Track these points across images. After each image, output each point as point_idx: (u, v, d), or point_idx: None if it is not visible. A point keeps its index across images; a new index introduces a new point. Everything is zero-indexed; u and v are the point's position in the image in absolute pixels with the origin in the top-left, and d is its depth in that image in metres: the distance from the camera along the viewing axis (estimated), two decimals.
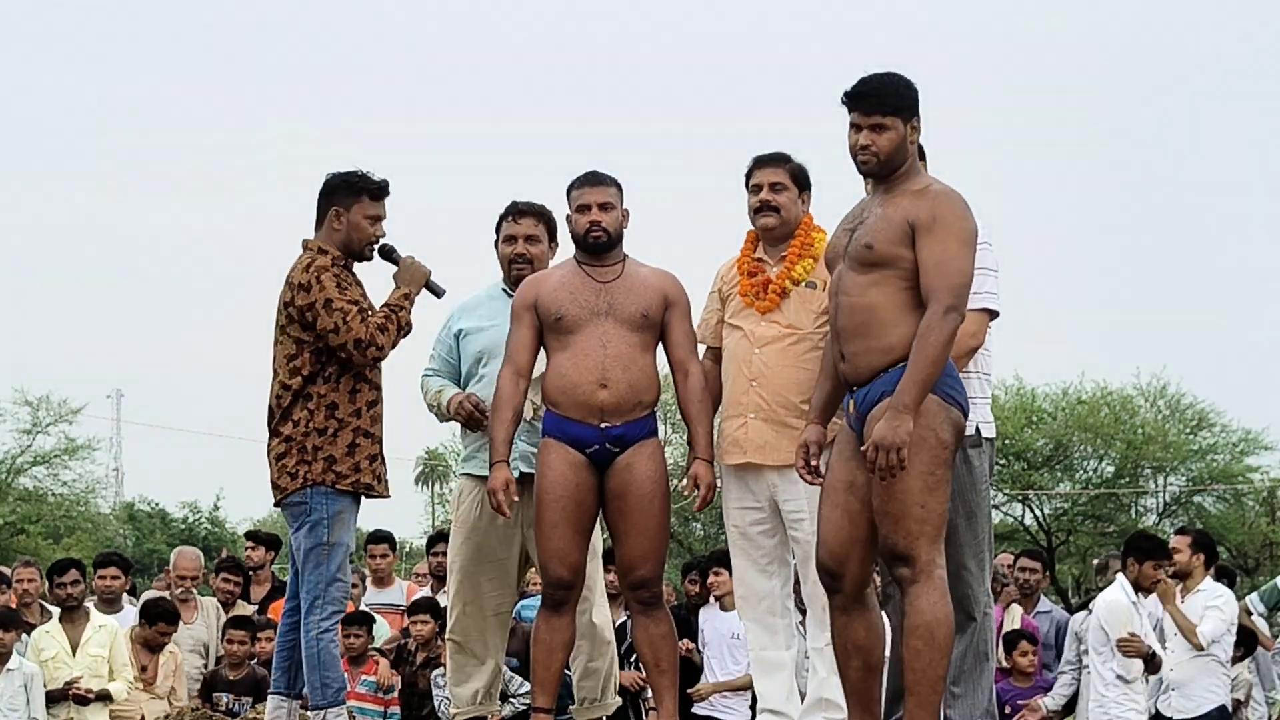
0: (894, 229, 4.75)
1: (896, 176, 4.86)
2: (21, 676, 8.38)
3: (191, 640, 9.25)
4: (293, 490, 5.70)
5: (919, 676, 4.67)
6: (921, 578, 4.66)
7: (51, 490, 36.52)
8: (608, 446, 5.52)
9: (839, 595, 4.91)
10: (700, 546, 31.23)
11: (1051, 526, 33.73)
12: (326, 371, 5.72)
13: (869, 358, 4.75)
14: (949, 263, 4.66)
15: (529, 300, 5.61)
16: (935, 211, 4.72)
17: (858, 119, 4.86)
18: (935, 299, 4.63)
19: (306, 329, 5.70)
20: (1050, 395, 34.71)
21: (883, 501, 4.68)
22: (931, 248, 4.68)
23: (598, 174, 5.67)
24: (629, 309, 5.52)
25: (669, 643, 5.66)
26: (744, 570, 5.74)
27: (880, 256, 4.75)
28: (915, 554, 4.66)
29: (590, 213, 5.59)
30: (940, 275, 4.65)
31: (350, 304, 5.68)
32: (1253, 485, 34.59)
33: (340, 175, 5.88)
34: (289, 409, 5.72)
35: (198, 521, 42.98)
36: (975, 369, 5.39)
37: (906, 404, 4.57)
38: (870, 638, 4.88)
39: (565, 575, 5.55)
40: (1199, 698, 8.77)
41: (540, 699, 5.61)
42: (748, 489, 5.62)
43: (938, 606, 4.66)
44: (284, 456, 5.72)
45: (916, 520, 4.65)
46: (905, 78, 4.91)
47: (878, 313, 4.74)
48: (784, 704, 5.67)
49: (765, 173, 5.63)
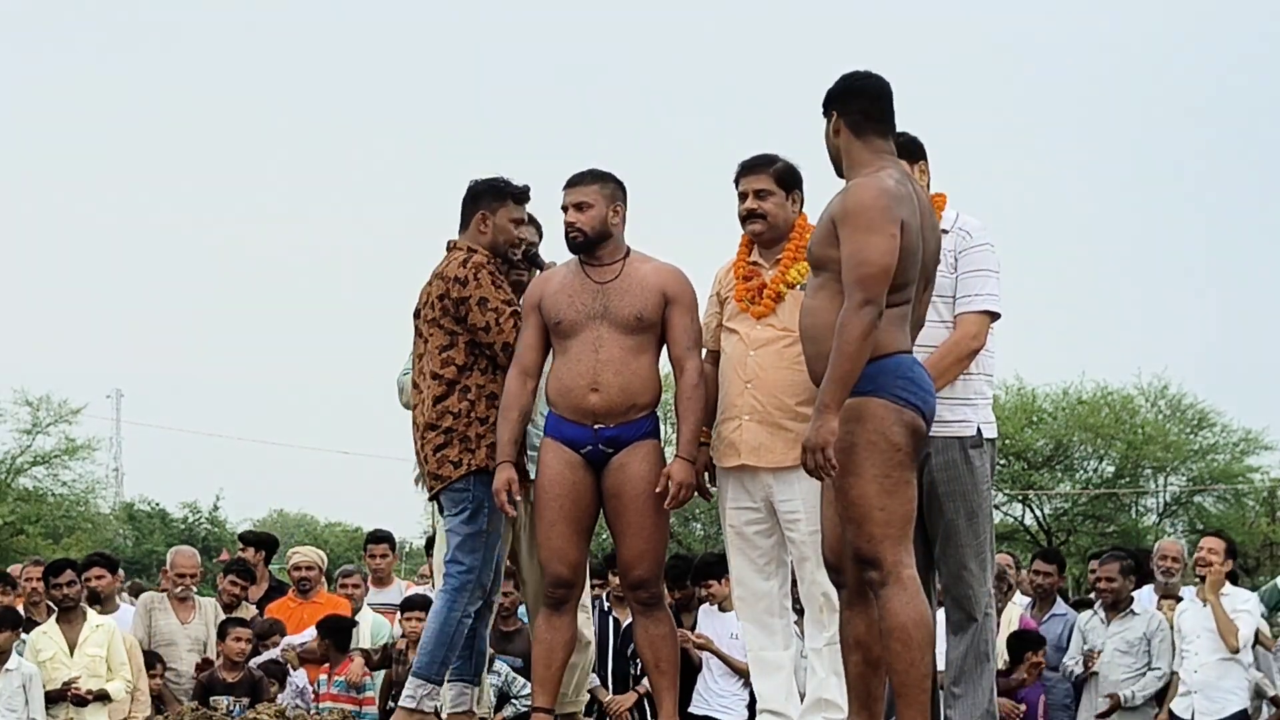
0: (822, 230, 4.80)
1: (850, 171, 4.88)
2: (20, 676, 8.38)
3: (190, 640, 9.23)
4: (456, 478, 5.78)
5: (902, 678, 4.68)
6: (890, 580, 4.66)
7: (51, 490, 36.56)
8: (601, 447, 5.54)
9: (844, 590, 4.94)
10: (700, 546, 31.22)
11: (1051, 526, 33.75)
12: (481, 363, 5.81)
13: (817, 363, 4.78)
14: (857, 254, 4.63)
15: (534, 300, 5.66)
16: (845, 205, 4.72)
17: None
18: (848, 293, 4.62)
19: (459, 322, 5.79)
20: (1051, 395, 34.75)
21: (843, 507, 4.71)
22: (844, 241, 4.68)
23: (576, 174, 5.69)
24: (623, 312, 5.52)
25: (669, 643, 5.67)
26: (742, 571, 5.73)
27: (817, 260, 4.82)
28: (880, 557, 4.66)
29: (567, 214, 5.62)
30: (851, 268, 4.63)
31: (505, 304, 5.78)
32: (1253, 485, 34.61)
33: (486, 181, 6.03)
34: (443, 399, 5.80)
35: (197, 522, 42.97)
36: (977, 370, 5.40)
37: (825, 403, 4.58)
38: (870, 634, 4.88)
39: (565, 574, 5.56)
40: (1221, 700, 8.69)
41: (540, 698, 5.62)
42: (744, 490, 5.62)
43: (910, 606, 4.66)
44: (445, 447, 5.79)
45: (878, 524, 4.65)
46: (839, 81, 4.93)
47: (820, 317, 4.78)
48: (783, 704, 5.67)
49: (749, 180, 5.62)
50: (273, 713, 6.87)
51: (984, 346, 5.37)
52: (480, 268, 5.80)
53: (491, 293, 5.76)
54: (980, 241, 5.40)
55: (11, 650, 8.47)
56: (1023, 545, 32.27)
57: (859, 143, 4.88)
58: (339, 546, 38.52)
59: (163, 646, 9.17)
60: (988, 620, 5.43)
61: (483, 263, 5.83)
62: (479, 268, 5.80)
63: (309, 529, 48.54)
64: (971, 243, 5.39)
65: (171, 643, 9.19)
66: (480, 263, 5.82)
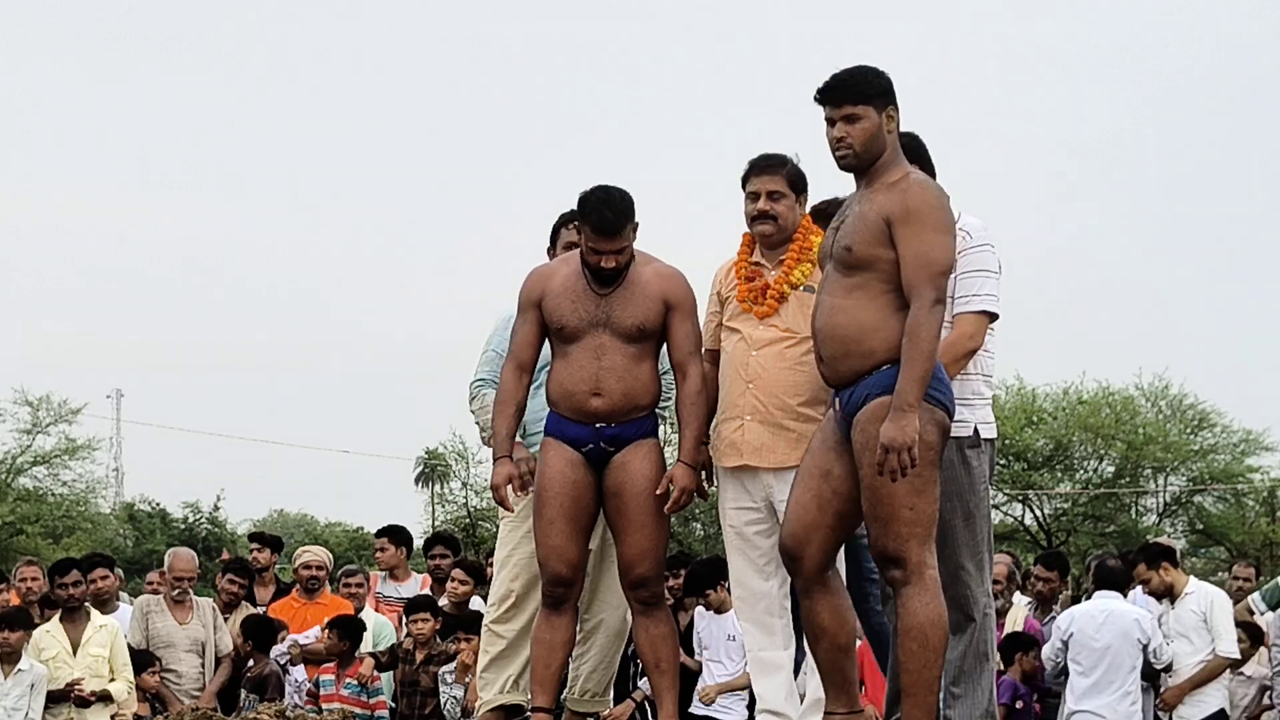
0: (870, 228, 4.75)
1: (877, 169, 4.84)
2: (31, 677, 8.39)
3: (188, 640, 9.24)
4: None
5: (914, 678, 4.69)
6: (913, 579, 4.68)
7: (51, 490, 36.58)
8: (603, 446, 5.54)
9: (798, 578, 4.95)
10: (700, 546, 31.23)
11: (1051, 527, 33.77)
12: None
13: (849, 362, 4.77)
14: (928, 254, 4.66)
15: (535, 297, 5.63)
16: (908, 203, 4.71)
17: (830, 112, 4.86)
18: (919, 293, 4.64)
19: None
20: (1051, 395, 34.78)
21: (871, 505, 4.69)
22: (909, 240, 4.67)
23: (612, 224, 5.47)
24: (626, 321, 5.52)
25: (669, 643, 5.67)
26: (741, 571, 5.73)
27: (860, 259, 4.76)
28: (906, 556, 4.67)
29: (596, 257, 5.49)
30: (921, 268, 4.65)
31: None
32: (1253, 485, 34.63)
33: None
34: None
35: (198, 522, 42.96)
36: (976, 370, 5.39)
37: (910, 402, 4.59)
38: (834, 620, 4.90)
39: (564, 572, 5.56)
40: (1202, 701, 8.76)
41: (540, 698, 5.62)
42: (744, 490, 5.62)
43: (930, 608, 4.67)
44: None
45: (906, 523, 4.66)
46: (875, 67, 4.89)
47: (859, 316, 4.76)
48: (783, 704, 5.66)
49: (763, 180, 5.58)
50: (273, 713, 6.88)
51: (981, 347, 5.36)
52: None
53: None
54: (980, 242, 5.38)
55: (22, 651, 8.49)
56: (1022, 545, 32.30)
57: (896, 141, 4.88)
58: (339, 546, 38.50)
59: (161, 648, 9.18)
60: (986, 620, 5.43)
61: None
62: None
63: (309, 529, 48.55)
64: (971, 243, 5.38)
65: (170, 644, 9.20)
66: None
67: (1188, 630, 8.79)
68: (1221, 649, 8.79)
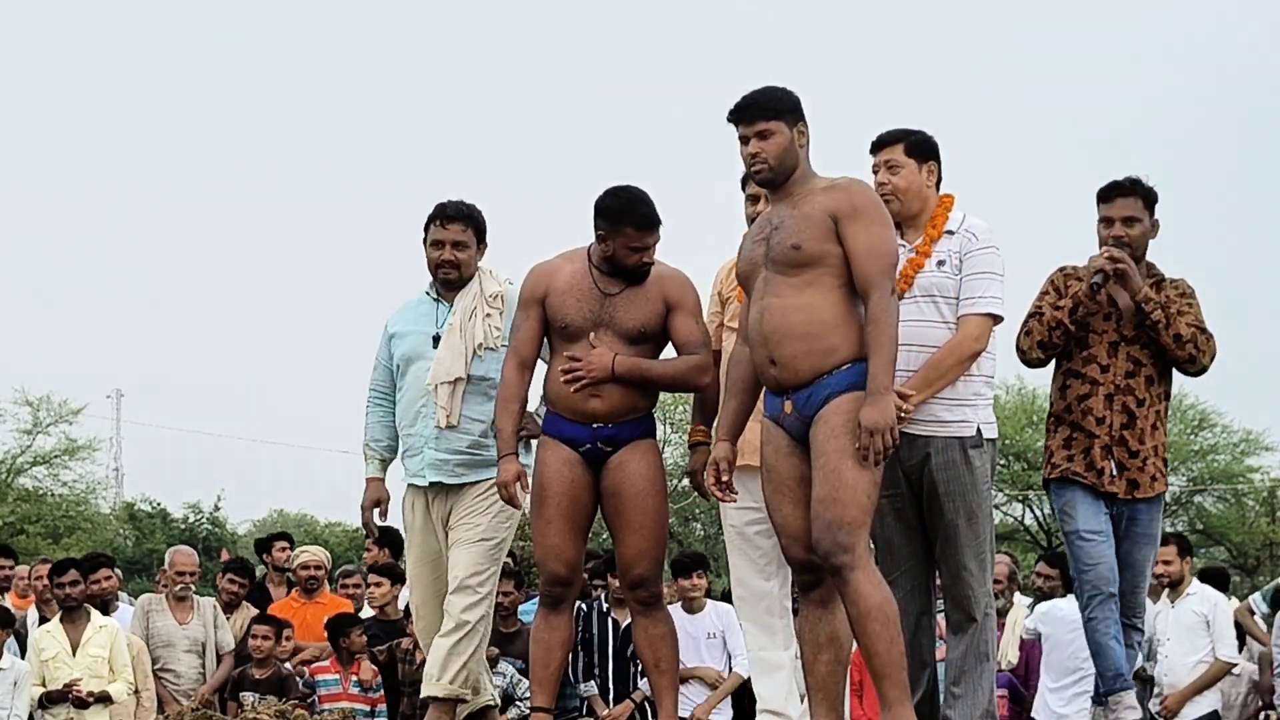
0: (816, 225, 4.85)
1: (793, 182, 4.98)
2: (13, 675, 8.38)
3: (188, 640, 9.23)
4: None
5: (885, 658, 4.70)
6: (860, 563, 4.72)
7: (51, 490, 36.54)
8: (600, 445, 5.54)
9: (819, 589, 4.93)
10: (700, 547, 31.23)
11: (1051, 527, 33.73)
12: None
13: (810, 359, 4.82)
14: (879, 247, 4.83)
15: (538, 294, 5.62)
16: (854, 201, 4.87)
17: (744, 130, 5.00)
18: (877, 284, 4.78)
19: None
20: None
21: (834, 488, 4.71)
22: (859, 235, 4.82)
23: (651, 217, 5.51)
24: (627, 324, 5.52)
25: (669, 643, 5.66)
26: (742, 571, 5.74)
27: (809, 255, 4.85)
28: (855, 543, 4.71)
29: (637, 255, 5.50)
30: (875, 259, 4.80)
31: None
32: (1253, 485, 34.63)
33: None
34: None
35: (198, 522, 42.95)
36: (978, 371, 5.41)
37: (886, 385, 4.71)
38: (846, 632, 4.90)
39: (562, 572, 5.57)
40: (1195, 701, 8.80)
41: (539, 698, 5.62)
42: (745, 490, 5.61)
43: (880, 588, 4.74)
44: None
45: (864, 510, 4.73)
46: (784, 87, 5.05)
47: (818, 314, 4.83)
48: (783, 704, 5.67)
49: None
50: (273, 712, 6.88)
51: (985, 349, 5.38)
52: None
53: None
54: (986, 244, 5.40)
55: (3, 649, 8.48)
56: (1022, 545, 32.31)
57: (808, 155, 5.04)
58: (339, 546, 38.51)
59: (161, 648, 9.17)
60: (988, 620, 5.43)
61: None
62: None
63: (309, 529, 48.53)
64: (977, 245, 5.40)
65: (170, 644, 9.19)
66: None
67: (1186, 630, 8.79)
68: (1221, 653, 8.83)
